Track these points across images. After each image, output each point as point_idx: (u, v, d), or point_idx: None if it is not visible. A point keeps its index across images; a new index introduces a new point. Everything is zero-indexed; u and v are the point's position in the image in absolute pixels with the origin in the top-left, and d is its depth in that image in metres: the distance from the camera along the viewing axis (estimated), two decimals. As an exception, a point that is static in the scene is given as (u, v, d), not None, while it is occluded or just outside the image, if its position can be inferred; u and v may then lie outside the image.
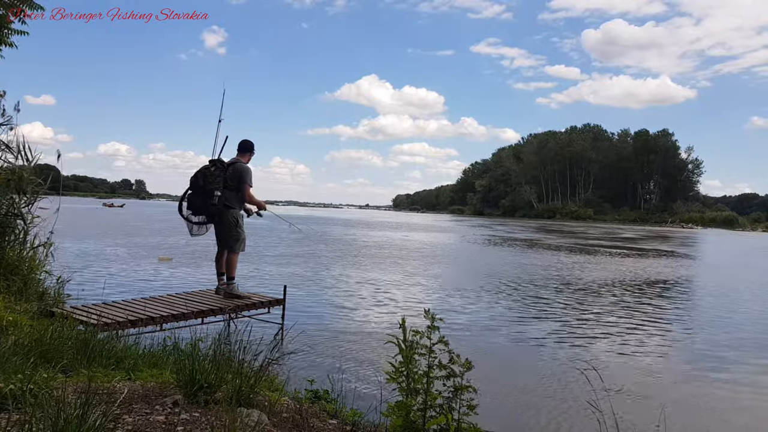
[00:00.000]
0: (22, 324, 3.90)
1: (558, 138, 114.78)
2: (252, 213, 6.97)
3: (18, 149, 6.18)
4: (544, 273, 15.14)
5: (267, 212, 7.01)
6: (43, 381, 2.41)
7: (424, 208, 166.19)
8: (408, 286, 11.65)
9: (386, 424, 2.84)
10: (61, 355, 3.04)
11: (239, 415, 2.41)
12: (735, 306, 11.08)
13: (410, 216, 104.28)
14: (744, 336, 8.18)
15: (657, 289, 12.94)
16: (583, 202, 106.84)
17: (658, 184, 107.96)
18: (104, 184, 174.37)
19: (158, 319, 5.48)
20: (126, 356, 3.41)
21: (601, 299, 11.01)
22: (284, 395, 3.34)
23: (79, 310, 5.51)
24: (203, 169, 6.44)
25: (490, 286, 12.23)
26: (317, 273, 13.00)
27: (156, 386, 2.88)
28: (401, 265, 15.92)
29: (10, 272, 5.45)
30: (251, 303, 6.62)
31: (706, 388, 5.63)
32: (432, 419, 2.61)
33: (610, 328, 8.25)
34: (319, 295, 9.90)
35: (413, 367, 2.71)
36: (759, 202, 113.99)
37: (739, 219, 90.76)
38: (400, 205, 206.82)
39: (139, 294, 7.58)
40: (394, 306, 9.16)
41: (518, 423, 4.49)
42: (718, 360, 6.70)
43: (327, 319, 7.89)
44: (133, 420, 2.31)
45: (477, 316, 8.68)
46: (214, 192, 6.32)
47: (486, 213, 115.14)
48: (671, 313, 10.00)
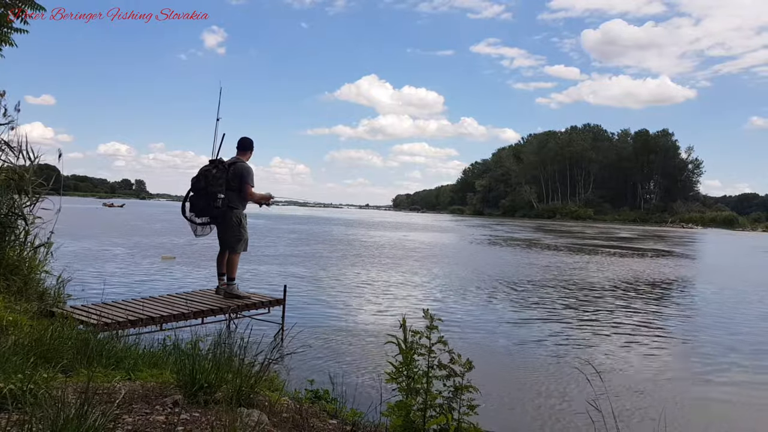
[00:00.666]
0: (22, 324, 3.90)
1: (558, 138, 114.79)
2: (262, 206, 6.95)
3: (19, 149, 6.19)
4: (543, 273, 15.14)
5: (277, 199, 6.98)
6: (43, 381, 2.41)
7: (424, 208, 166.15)
8: (408, 286, 11.65)
9: (386, 424, 2.84)
10: (61, 355, 3.04)
11: (239, 415, 2.41)
12: (735, 306, 11.08)
13: (410, 216, 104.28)
14: (744, 337, 8.18)
15: (656, 289, 12.94)
16: (583, 202, 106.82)
17: (658, 184, 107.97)
18: (104, 184, 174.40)
19: (158, 319, 5.48)
20: (126, 356, 3.41)
21: (600, 299, 11.01)
22: (284, 395, 3.34)
23: (79, 310, 5.51)
24: (204, 171, 6.43)
25: (490, 286, 12.23)
26: (317, 273, 13.01)
27: (156, 386, 2.88)
28: (401, 265, 15.92)
29: (11, 272, 5.45)
30: (251, 303, 6.62)
31: (706, 388, 5.63)
32: (432, 419, 2.61)
33: (609, 328, 8.25)
34: (319, 295, 9.90)
35: (413, 367, 2.71)
36: (759, 202, 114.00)
37: (739, 219, 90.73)
38: (400, 205, 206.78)
39: (139, 294, 7.57)
40: (394, 306, 9.16)
41: (518, 423, 4.49)
42: (718, 360, 6.69)
43: (327, 319, 7.88)
44: (133, 420, 2.31)
45: (477, 316, 8.68)
46: (217, 195, 6.31)
47: (486, 213, 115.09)
48: (671, 313, 10.00)
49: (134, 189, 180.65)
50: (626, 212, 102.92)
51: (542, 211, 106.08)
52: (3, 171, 6.08)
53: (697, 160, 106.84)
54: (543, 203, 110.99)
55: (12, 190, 5.98)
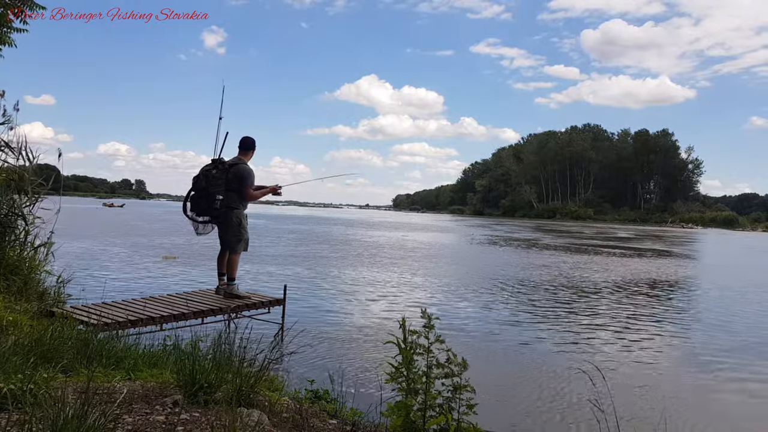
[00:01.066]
0: (22, 324, 3.90)
1: (558, 138, 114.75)
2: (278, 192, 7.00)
3: (19, 149, 6.19)
4: (543, 273, 15.14)
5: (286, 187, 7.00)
6: (43, 381, 2.41)
7: (424, 208, 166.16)
8: (408, 286, 11.65)
9: (386, 424, 2.84)
10: (61, 355, 3.04)
11: (239, 415, 2.41)
12: (736, 306, 11.08)
13: (410, 216, 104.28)
14: (746, 337, 8.18)
15: (656, 289, 12.94)
16: (583, 202, 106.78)
17: (658, 184, 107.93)
18: (104, 184, 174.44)
19: (158, 319, 5.48)
20: (126, 356, 3.41)
21: (600, 299, 11.01)
22: (284, 395, 3.34)
23: (79, 309, 5.50)
24: (205, 171, 6.46)
25: (489, 285, 12.23)
26: (317, 273, 13.00)
27: (156, 386, 2.88)
28: (401, 265, 15.92)
29: (11, 272, 5.45)
30: (251, 303, 6.62)
31: (707, 388, 5.63)
32: (432, 419, 2.62)
33: (609, 328, 8.25)
34: (319, 295, 9.90)
35: (413, 367, 2.71)
36: (759, 202, 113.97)
37: (739, 219, 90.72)
38: (400, 205, 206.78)
39: (139, 294, 7.58)
40: (394, 306, 9.16)
41: (518, 423, 4.49)
42: (719, 360, 6.69)
43: (327, 319, 7.89)
44: (133, 420, 2.31)
45: (477, 316, 8.68)
46: (216, 196, 6.35)
47: (486, 213, 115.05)
48: (671, 313, 10.00)
49: (134, 189, 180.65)
50: (626, 212, 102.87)
51: (542, 211, 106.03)
52: (3, 171, 6.08)
53: (697, 160, 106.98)
54: (543, 203, 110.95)
55: (12, 190, 5.98)
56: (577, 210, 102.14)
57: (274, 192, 6.90)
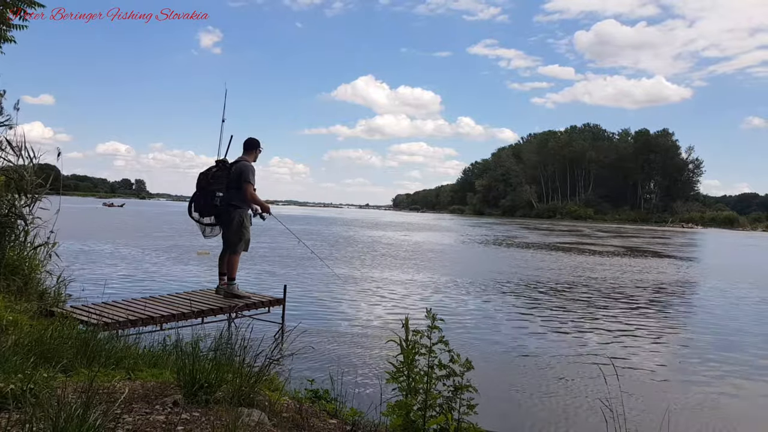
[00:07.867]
0: (23, 324, 3.89)
1: (558, 137, 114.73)
2: (257, 213, 6.81)
3: (19, 149, 6.18)
4: (543, 273, 15.14)
5: (270, 217, 6.81)
6: (44, 381, 2.40)
7: (424, 208, 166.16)
8: (408, 286, 11.64)
9: (386, 424, 2.84)
10: (61, 354, 3.04)
11: (240, 415, 2.41)
12: (738, 306, 11.07)
13: (410, 216, 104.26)
14: (749, 337, 8.17)
15: (656, 289, 12.93)
16: (584, 202, 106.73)
17: (658, 183, 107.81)
18: (104, 183, 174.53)
19: (158, 319, 5.48)
20: (126, 356, 3.40)
21: (600, 299, 11.00)
22: (284, 395, 3.34)
23: (79, 309, 5.50)
24: (207, 170, 6.54)
25: (490, 285, 12.22)
26: (318, 273, 13.00)
27: (156, 386, 2.87)
28: (401, 264, 15.92)
29: (11, 272, 5.45)
30: (251, 303, 6.62)
31: (708, 388, 5.62)
32: (432, 419, 2.61)
33: (610, 328, 8.24)
34: (320, 295, 9.89)
35: (414, 366, 2.71)
36: (759, 202, 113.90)
37: (739, 219, 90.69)
38: (400, 205, 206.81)
39: (140, 294, 7.58)
40: (395, 306, 9.16)
41: (518, 423, 4.49)
42: (720, 361, 6.69)
43: (327, 319, 7.88)
44: (133, 420, 2.31)
45: (477, 316, 8.68)
46: (215, 193, 6.40)
47: (486, 213, 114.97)
48: (672, 313, 10.00)
49: (134, 189, 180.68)
50: (626, 212, 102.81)
51: (542, 210, 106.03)
52: (3, 171, 6.08)
53: (698, 160, 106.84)
54: (543, 203, 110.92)
55: (12, 190, 5.98)
56: (578, 210, 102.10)
57: (263, 208, 6.75)
